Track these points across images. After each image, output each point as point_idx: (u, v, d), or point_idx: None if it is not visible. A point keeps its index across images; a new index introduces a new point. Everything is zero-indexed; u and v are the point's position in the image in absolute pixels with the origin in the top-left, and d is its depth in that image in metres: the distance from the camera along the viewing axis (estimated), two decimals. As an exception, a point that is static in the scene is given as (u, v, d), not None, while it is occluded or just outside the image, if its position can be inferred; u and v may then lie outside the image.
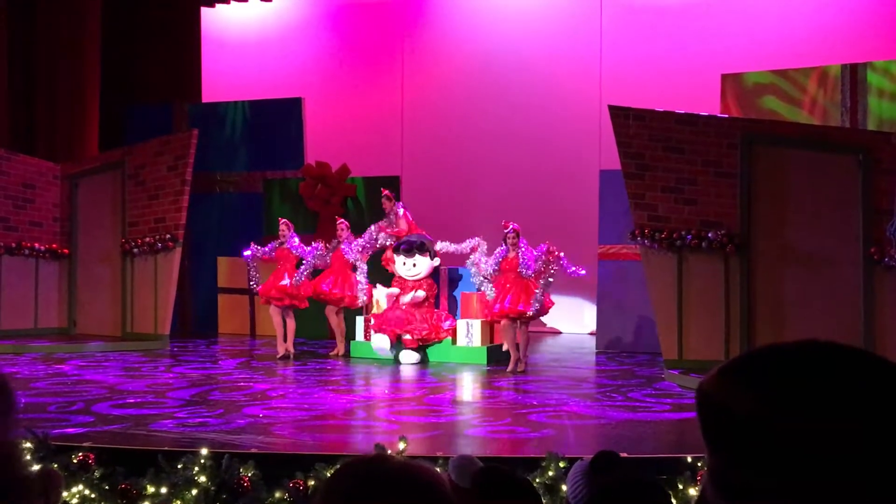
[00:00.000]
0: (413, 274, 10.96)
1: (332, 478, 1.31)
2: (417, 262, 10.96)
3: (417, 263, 10.96)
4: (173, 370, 9.95)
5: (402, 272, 10.99)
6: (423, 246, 10.98)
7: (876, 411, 0.93)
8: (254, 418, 6.99)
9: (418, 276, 10.96)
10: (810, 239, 9.37)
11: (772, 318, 9.38)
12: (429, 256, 10.96)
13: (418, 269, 10.96)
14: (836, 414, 0.93)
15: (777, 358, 1.00)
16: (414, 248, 10.95)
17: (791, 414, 0.94)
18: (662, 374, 9.58)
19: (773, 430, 0.94)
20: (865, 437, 0.92)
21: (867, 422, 0.92)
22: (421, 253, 10.95)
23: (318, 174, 13.57)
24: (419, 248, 10.96)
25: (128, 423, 6.73)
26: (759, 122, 10.76)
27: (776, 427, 0.94)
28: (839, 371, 0.97)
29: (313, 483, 5.23)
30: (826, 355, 0.99)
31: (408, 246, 10.99)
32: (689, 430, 6.58)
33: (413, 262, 10.95)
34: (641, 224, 9.74)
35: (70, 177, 13.21)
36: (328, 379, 9.42)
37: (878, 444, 0.92)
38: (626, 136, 9.81)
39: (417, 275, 10.95)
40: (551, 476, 5.22)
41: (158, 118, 14.63)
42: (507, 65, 15.02)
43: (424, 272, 11.01)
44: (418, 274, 10.96)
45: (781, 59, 12.91)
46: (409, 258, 10.93)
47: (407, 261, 10.96)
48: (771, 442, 0.94)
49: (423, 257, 10.95)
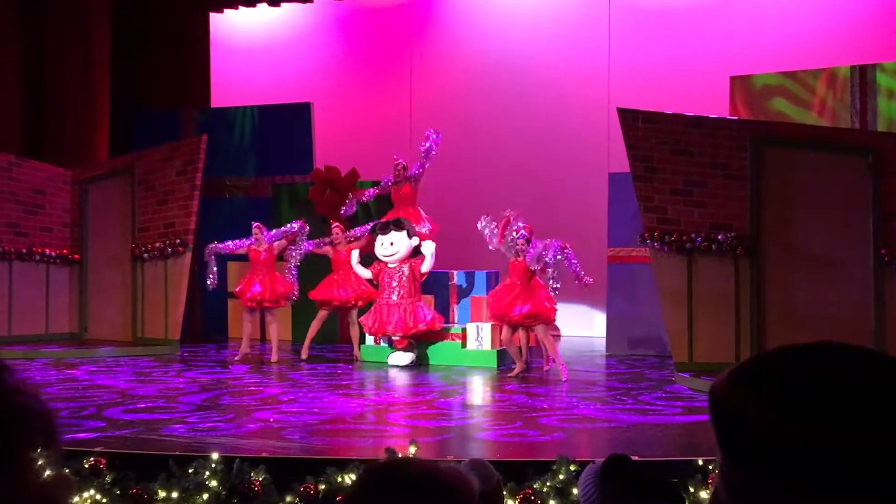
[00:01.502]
0: (390, 254, 10.21)
1: (357, 481, 1.32)
2: (395, 239, 10.19)
3: (395, 241, 10.19)
4: (184, 375, 9.97)
5: (380, 253, 10.27)
6: (399, 222, 10.20)
7: (889, 413, 0.93)
8: (264, 423, 7.00)
9: (396, 255, 10.23)
10: (820, 241, 9.35)
11: (782, 320, 9.36)
12: (406, 234, 10.22)
13: (396, 248, 10.21)
14: (849, 416, 0.93)
15: (789, 360, 1.00)
16: (390, 225, 10.17)
17: (804, 416, 0.94)
18: (673, 377, 9.57)
19: (788, 433, 0.94)
20: (879, 439, 0.92)
21: (880, 423, 0.93)
22: (398, 229, 10.18)
23: (328, 179, 13.58)
24: (395, 225, 10.17)
25: (139, 428, 6.75)
26: (767, 123, 10.74)
27: (790, 429, 0.94)
28: (851, 372, 0.97)
29: (324, 487, 5.24)
30: (838, 357, 0.99)
31: (383, 223, 10.29)
32: (699, 433, 6.57)
33: (390, 241, 10.18)
34: (650, 227, 9.72)
35: (80, 182, 13.26)
36: (339, 383, 9.42)
37: (892, 446, 0.92)
38: (634, 138, 9.80)
39: (395, 254, 10.22)
40: (562, 479, 5.21)
41: (167, 124, 14.67)
42: (516, 68, 15.02)
43: (403, 251, 10.24)
44: (396, 253, 10.22)
45: (790, 61, 12.88)
46: (384, 235, 10.18)
47: (384, 239, 10.21)
48: (785, 444, 0.94)
49: (400, 233, 10.19)
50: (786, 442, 0.94)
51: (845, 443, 0.92)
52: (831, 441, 0.92)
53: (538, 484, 5.22)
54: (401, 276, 10.30)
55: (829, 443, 0.92)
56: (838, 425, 0.93)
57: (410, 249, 10.26)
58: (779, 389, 0.97)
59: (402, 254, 10.20)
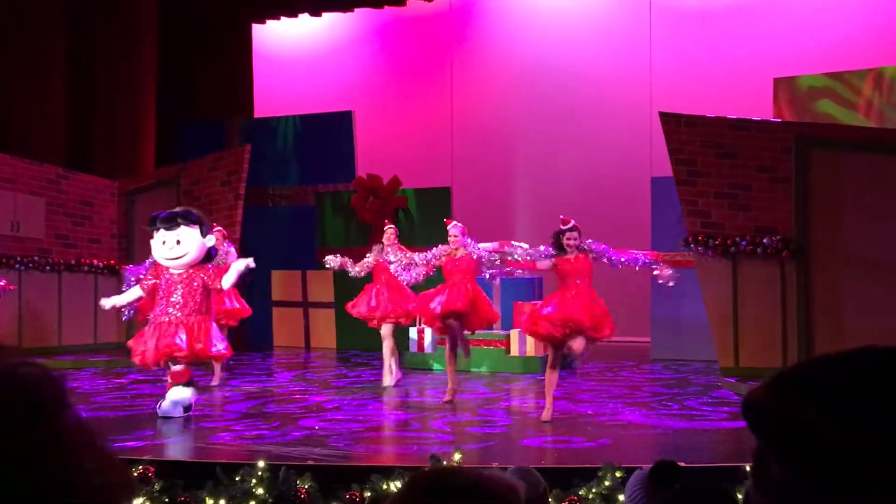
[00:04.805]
0: (175, 256, 7.57)
1: (404, 489, 1.33)
2: (182, 237, 7.57)
3: (183, 240, 7.57)
4: (230, 383, 10.05)
5: (161, 254, 7.62)
6: (188, 215, 7.65)
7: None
8: (310, 430, 7.04)
9: (184, 258, 7.58)
10: (869, 243, 9.20)
11: (830, 325, 9.23)
12: (200, 231, 7.66)
13: (185, 249, 7.58)
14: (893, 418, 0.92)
15: (834, 365, 0.99)
16: (177, 218, 7.57)
17: (849, 418, 0.93)
18: (719, 382, 9.47)
19: (834, 434, 0.93)
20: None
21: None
22: (188, 223, 7.59)
23: (370, 186, 13.65)
24: (184, 217, 7.60)
25: (186, 436, 6.81)
26: (812, 125, 10.61)
27: (836, 431, 0.93)
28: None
29: (369, 494, 5.26)
30: (884, 360, 0.98)
31: (168, 213, 7.68)
32: (747, 439, 6.48)
33: (176, 238, 7.56)
34: (694, 231, 9.65)
35: (127, 194, 13.44)
36: (383, 390, 9.44)
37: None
38: (677, 142, 9.74)
39: (183, 256, 7.57)
40: (608, 486, 5.18)
41: (212, 134, 14.82)
42: (557, 73, 14.99)
43: (194, 253, 7.60)
44: (185, 255, 7.57)
45: (835, 62, 12.73)
46: (169, 231, 7.55)
47: (167, 237, 7.56)
48: (835, 450, 0.93)
49: (191, 229, 7.60)
50: (832, 444, 0.94)
51: (889, 445, 0.91)
52: (875, 443, 0.92)
53: (584, 490, 5.19)
54: (189, 285, 7.68)
55: (874, 444, 0.92)
56: (883, 427, 0.92)
57: (204, 250, 7.70)
58: (824, 393, 0.96)
59: (193, 256, 7.62)
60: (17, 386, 0.90)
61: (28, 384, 0.91)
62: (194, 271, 7.65)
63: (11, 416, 0.88)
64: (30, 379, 0.91)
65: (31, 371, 0.92)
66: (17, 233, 12.33)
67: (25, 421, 0.88)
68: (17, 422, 0.88)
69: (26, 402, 0.89)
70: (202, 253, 7.67)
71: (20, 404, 0.89)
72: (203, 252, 7.67)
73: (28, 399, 0.90)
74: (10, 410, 0.88)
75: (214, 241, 7.91)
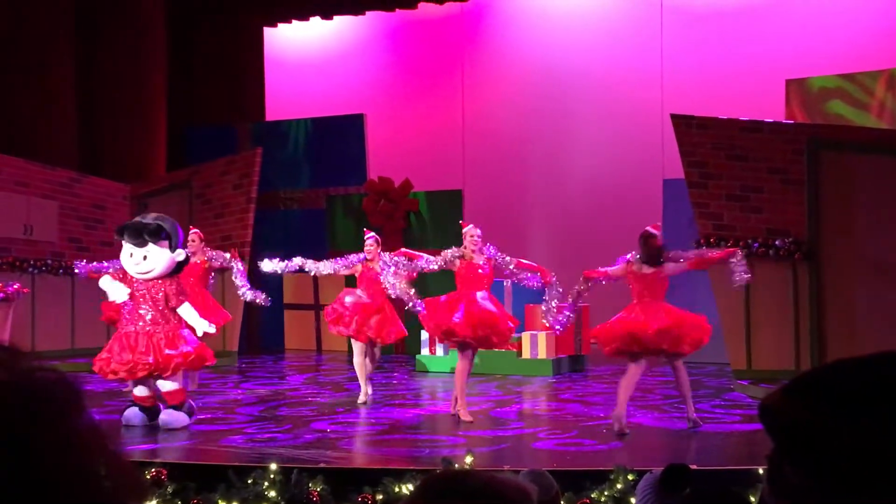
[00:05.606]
0: (141, 271, 7.37)
1: (416, 491, 1.33)
2: (149, 253, 7.34)
3: (150, 256, 7.35)
4: (242, 386, 10.07)
5: (128, 266, 7.44)
6: (157, 231, 7.35)
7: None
8: (322, 433, 7.05)
9: (150, 273, 7.37)
10: (883, 246, 9.16)
11: (843, 327, 9.20)
12: (168, 246, 7.42)
13: (151, 265, 7.37)
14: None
15: (850, 370, 0.99)
16: (144, 234, 7.29)
17: (867, 427, 0.93)
18: (731, 385, 9.45)
19: (852, 443, 0.94)
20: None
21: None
22: (156, 240, 7.32)
23: (381, 189, 13.66)
24: (152, 234, 7.30)
25: (198, 439, 6.83)
26: (825, 127, 10.58)
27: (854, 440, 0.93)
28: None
29: (381, 497, 5.26)
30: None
31: (136, 228, 7.37)
32: (759, 442, 6.48)
33: (143, 254, 7.34)
34: (706, 233, 9.63)
35: (138, 197, 13.48)
36: (394, 393, 9.45)
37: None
38: (688, 144, 9.72)
39: (149, 272, 7.36)
40: (620, 489, 5.18)
41: (223, 137, 14.86)
42: (568, 75, 14.98)
43: (160, 269, 7.39)
44: (152, 270, 7.36)
45: (847, 63, 12.68)
46: (138, 248, 7.32)
47: (134, 251, 7.35)
48: (849, 454, 0.94)
49: (159, 247, 7.35)
50: (846, 448, 0.94)
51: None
52: (889, 447, 0.92)
53: (596, 493, 5.19)
54: (155, 296, 7.48)
55: (887, 449, 0.92)
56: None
57: (172, 265, 7.48)
58: (838, 397, 0.96)
59: (160, 271, 7.42)
60: (32, 390, 0.91)
61: (42, 388, 0.91)
62: (161, 282, 7.44)
63: (26, 420, 0.89)
64: (44, 383, 0.92)
65: (45, 375, 0.93)
66: (31, 236, 12.37)
67: (40, 425, 0.89)
68: (31, 425, 0.88)
69: (41, 405, 0.90)
70: (170, 268, 7.45)
71: (35, 408, 0.90)
72: (171, 266, 7.46)
73: (42, 403, 0.90)
74: (24, 414, 0.89)
75: (184, 255, 7.59)
